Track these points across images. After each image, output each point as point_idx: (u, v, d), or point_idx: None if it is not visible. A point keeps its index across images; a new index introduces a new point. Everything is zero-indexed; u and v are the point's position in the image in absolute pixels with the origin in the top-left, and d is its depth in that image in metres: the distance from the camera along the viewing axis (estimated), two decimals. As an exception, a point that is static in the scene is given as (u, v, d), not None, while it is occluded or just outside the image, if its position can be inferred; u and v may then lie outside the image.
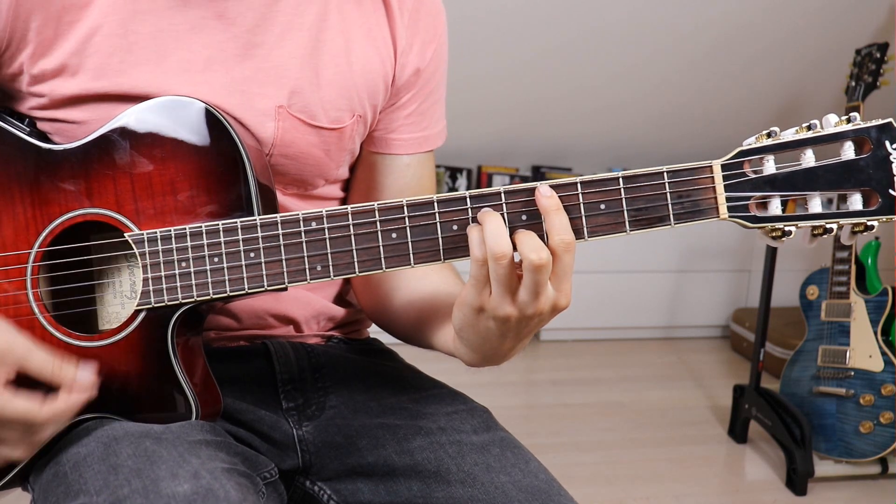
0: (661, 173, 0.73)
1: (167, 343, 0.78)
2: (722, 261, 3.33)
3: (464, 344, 0.80)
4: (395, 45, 0.94)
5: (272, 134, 0.86)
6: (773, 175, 0.73)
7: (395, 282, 0.97)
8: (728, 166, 0.74)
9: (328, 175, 0.94)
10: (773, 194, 0.73)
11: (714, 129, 3.18)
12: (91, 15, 0.80)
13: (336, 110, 0.90)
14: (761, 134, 0.75)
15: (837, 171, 0.72)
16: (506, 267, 0.71)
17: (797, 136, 0.73)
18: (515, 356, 0.82)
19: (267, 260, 0.76)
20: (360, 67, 0.91)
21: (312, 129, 0.89)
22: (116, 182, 0.78)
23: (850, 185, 0.72)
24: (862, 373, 2.17)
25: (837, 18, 2.82)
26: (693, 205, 0.73)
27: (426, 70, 0.96)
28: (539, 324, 0.76)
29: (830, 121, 0.73)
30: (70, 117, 0.82)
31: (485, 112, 2.99)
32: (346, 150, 0.94)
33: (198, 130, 0.78)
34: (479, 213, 0.74)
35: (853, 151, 0.72)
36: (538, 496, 0.82)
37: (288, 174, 0.90)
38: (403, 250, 0.75)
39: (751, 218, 0.74)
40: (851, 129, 0.72)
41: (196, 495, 0.67)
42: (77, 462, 0.74)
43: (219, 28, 0.84)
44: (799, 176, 0.73)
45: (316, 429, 0.90)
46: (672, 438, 2.48)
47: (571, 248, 0.72)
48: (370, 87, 0.92)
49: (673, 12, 2.71)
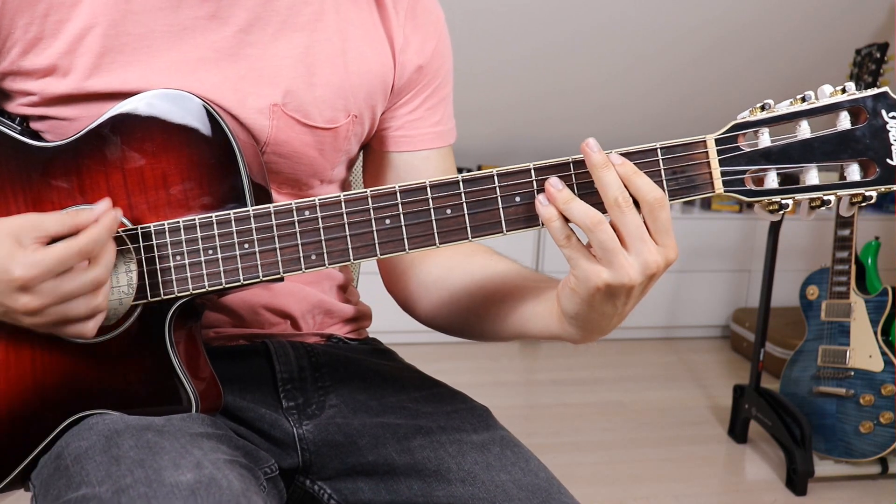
0: (655, 149, 0.73)
1: (165, 337, 0.78)
2: (722, 261, 3.33)
3: (575, 325, 0.78)
4: (393, 45, 0.94)
5: (266, 132, 0.86)
6: (768, 148, 0.72)
7: (440, 271, 0.95)
8: (722, 140, 0.73)
9: (322, 175, 0.94)
10: (769, 167, 0.72)
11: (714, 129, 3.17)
12: (81, 14, 0.80)
13: (331, 110, 0.90)
14: (755, 107, 0.74)
15: (834, 142, 0.71)
16: (606, 231, 0.70)
17: (792, 108, 0.72)
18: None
19: (261, 250, 0.76)
20: (357, 68, 0.91)
21: (307, 129, 0.89)
22: (109, 177, 0.78)
23: (847, 156, 0.71)
24: (862, 373, 2.17)
25: (837, 18, 2.82)
26: (688, 180, 0.73)
27: (429, 66, 0.96)
28: (652, 282, 0.74)
29: (825, 91, 0.72)
30: (61, 115, 0.82)
31: (485, 111, 2.98)
32: (341, 151, 0.94)
33: (189, 123, 0.78)
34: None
35: (849, 122, 0.71)
36: (538, 494, 0.83)
37: (282, 173, 0.90)
38: (397, 235, 0.75)
39: (747, 192, 0.73)
40: (847, 99, 0.71)
41: (199, 484, 0.67)
42: (78, 455, 0.74)
43: (211, 28, 0.84)
44: (794, 148, 0.72)
45: (316, 428, 0.90)
46: (672, 438, 2.48)
47: (664, 203, 0.71)
48: (367, 87, 0.92)
49: (672, 12, 2.71)
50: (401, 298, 1.01)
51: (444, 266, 0.95)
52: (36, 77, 0.81)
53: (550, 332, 0.82)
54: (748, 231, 3.29)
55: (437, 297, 0.95)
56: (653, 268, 0.72)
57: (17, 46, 0.80)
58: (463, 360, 3.03)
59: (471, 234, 0.75)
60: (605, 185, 0.71)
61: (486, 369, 2.98)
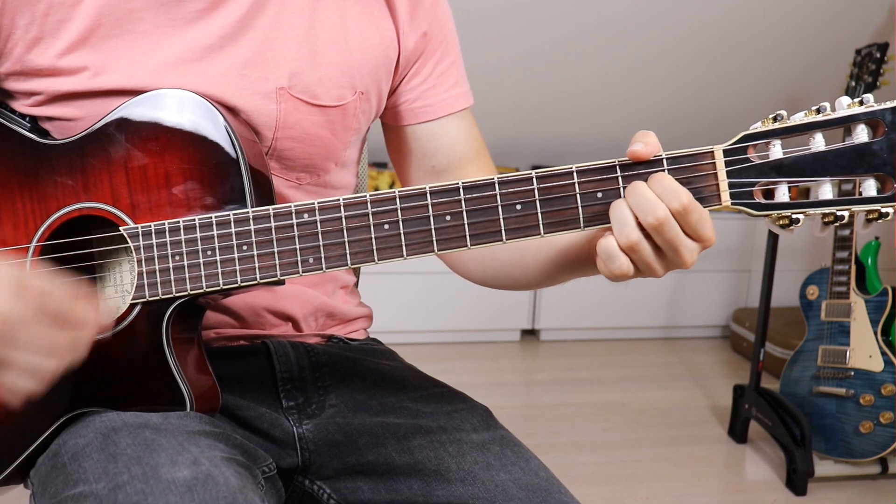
0: (661, 160, 0.71)
1: (162, 336, 0.78)
2: (722, 261, 3.33)
3: None
4: (395, 15, 0.94)
5: (275, 117, 0.86)
6: (780, 160, 0.69)
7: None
8: (731, 151, 0.70)
9: (337, 157, 0.94)
10: (780, 180, 0.69)
11: (714, 129, 3.18)
12: (83, 13, 0.80)
13: (337, 88, 0.90)
14: (767, 118, 0.71)
15: (849, 156, 0.68)
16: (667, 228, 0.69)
17: (806, 120, 0.69)
18: None
19: (259, 252, 0.76)
20: (359, 44, 0.91)
21: (315, 109, 0.89)
22: (112, 176, 0.78)
23: (863, 171, 0.68)
24: (862, 373, 2.17)
25: (837, 18, 2.82)
26: (694, 192, 0.70)
27: (433, 30, 0.96)
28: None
29: (843, 103, 0.69)
30: (67, 114, 0.82)
31: (484, 111, 2.97)
32: (350, 129, 0.94)
33: (191, 122, 0.78)
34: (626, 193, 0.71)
35: (866, 135, 0.68)
36: (538, 494, 0.82)
37: (297, 159, 0.90)
38: (395, 241, 0.75)
39: (755, 205, 0.70)
40: (864, 111, 0.68)
41: (196, 480, 0.67)
42: (76, 453, 0.75)
43: (214, 18, 0.84)
44: (807, 161, 0.69)
45: (316, 427, 0.90)
46: (672, 438, 2.48)
47: (690, 206, 0.69)
48: (370, 62, 0.92)
49: (672, 11, 2.70)
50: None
51: None
52: (39, 76, 0.81)
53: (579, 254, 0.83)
54: (748, 231, 3.29)
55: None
56: (686, 259, 0.71)
57: (18, 46, 0.81)
58: (463, 360, 3.04)
59: (470, 241, 0.74)
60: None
61: (486, 369, 2.98)
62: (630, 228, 0.70)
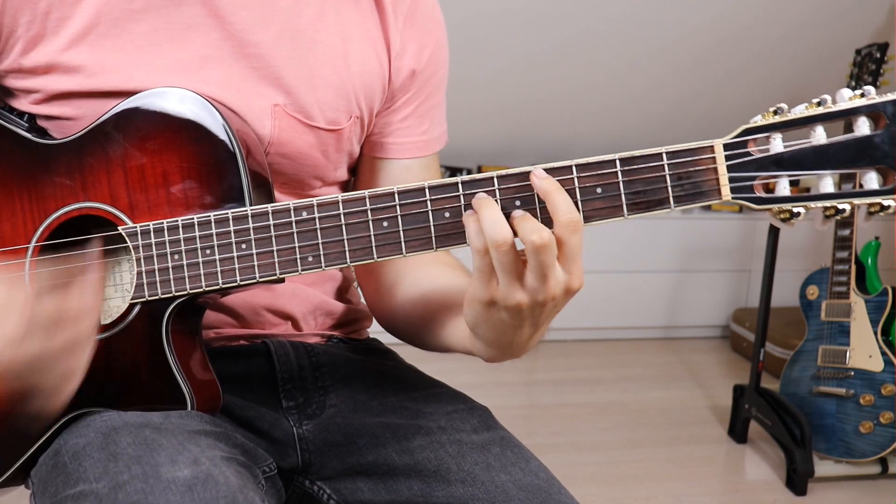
0: (660, 154, 0.71)
1: (162, 336, 0.78)
2: (722, 261, 3.32)
3: (480, 340, 0.78)
4: (389, 48, 0.94)
5: (269, 132, 0.86)
6: (780, 154, 0.69)
7: (397, 277, 0.96)
8: (731, 145, 0.70)
9: (325, 177, 0.94)
10: (781, 174, 0.69)
11: (714, 129, 3.17)
12: (84, 12, 0.80)
13: (333, 111, 0.90)
14: (768, 111, 0.70)
15: (851, 149, 0.68)
16: (508, 254, 0.69)
17: (807, 113, 0.69)
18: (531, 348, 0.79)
19: (258, 251, 0.76)
20: (358, 69, 0.91)
21: (310, 130, 0.89)
22: (110, 175, 0.78)
23: (865, 163, 0.68)
24: (862, 373, 2.17)
25: (837, 18, 2.82)
26: (693, 186, 0.70)
27: (423, 73, 0.96)
28: (554, 309, 0.73)
29: (844, 95, 0.68)
30: (65, 113, 0.82)
31: (485, 112, 2.98)
32: (343, 152, 0.94)
33: (190, 121, 0.78)
34: (473, 200, 0.71)
35: (868, 127, 0.68)
36: (538, 495, 0.82)
37: (284, 174, 0.90)
38: (395, 239, 0.74)
39: (756, 199, 0.70)
40: (866, 103, 0.67)
41: (196, 480, 0.67)
42: (76, 452, 0.75)
43: (214, 26, 0.84)
44: (808, 154, 0.68)
45: (316, 427, 0.90)
46: (672, 438, 2.48)
47: (579, 227, 0.69)
48: (367, 88, 0.92)
49: (672, 12, 2.70)
50: (374, 302, 1.01)
51: (402, 274, 0.96)
52: (38, 74, 0.81)
53: (465, 348, 0.83)
54: (748, 231, 3.29)
55: (392, 303, 0.96)
56: (551, 292, 0.70)
57: (19, 44, 0.81)
58: (463, 360, 3.02)
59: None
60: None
61: (486, 369, 2.95)
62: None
